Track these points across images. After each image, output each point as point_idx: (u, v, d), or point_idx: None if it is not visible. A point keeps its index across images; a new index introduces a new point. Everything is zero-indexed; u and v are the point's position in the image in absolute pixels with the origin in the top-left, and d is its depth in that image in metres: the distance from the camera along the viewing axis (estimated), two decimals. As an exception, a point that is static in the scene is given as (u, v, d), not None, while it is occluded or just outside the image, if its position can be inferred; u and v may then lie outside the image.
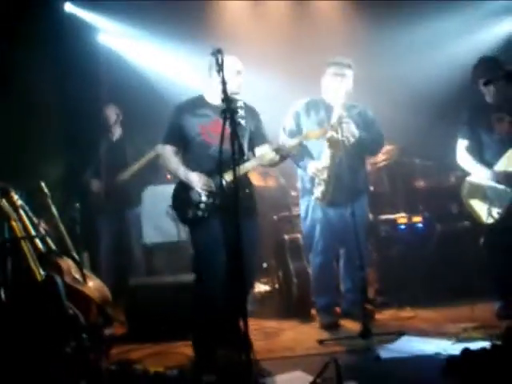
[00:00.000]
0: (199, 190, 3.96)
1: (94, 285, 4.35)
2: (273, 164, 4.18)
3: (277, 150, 4.00)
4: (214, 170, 3.91)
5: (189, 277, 4.99)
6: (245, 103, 4.13)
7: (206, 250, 3.98)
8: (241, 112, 3.94)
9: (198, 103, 4.14)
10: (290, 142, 4.16)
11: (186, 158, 4.14)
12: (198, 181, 3.96)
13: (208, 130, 4.02)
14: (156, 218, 6.17)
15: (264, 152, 4.07)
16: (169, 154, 4.14)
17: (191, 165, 4.06)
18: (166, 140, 4.18)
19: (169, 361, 4.04)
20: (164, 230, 6.19)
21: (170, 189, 6.01)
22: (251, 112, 4.18)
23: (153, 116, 6.03)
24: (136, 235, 5.86)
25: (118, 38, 6.74)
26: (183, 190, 4.05)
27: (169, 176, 6.41)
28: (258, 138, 4.19)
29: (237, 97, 4.02)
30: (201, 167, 4.01)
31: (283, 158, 4.11)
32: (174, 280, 4.96)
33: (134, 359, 4.07)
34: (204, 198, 3.97)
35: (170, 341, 4.42)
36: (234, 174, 3.29)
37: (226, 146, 3.51)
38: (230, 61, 3.94)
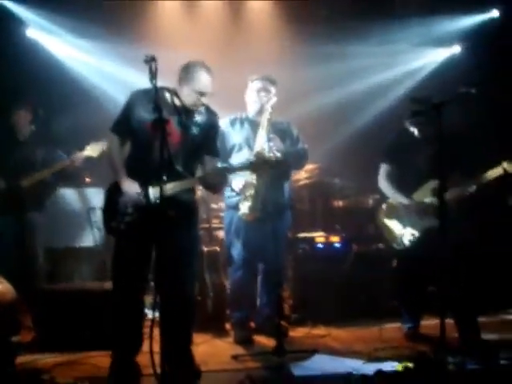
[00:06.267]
0: (127, 200, 3.70)
1: (1, 288, 4.15)
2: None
3: (201, 179, 3.79)
4: (148, 178, 3.68)
5: (98, 284, 4.90)
6: (207, 108, 3.88)
7: (125, 262, 3.75)
8: (197, 118, 3.78)
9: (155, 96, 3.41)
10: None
11: (130, 154, 3.86)
12: (128, 191, 3.70)
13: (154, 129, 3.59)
14: (65, 222, 5.97)
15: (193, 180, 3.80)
16: (115, 146, 3.82)
17: (132, 165, 3.79)
18: (114, 128, 3.83)
19: (79, 372, 3.89)
20: (73, 234, 6.02)
21: (83, 192, 5.94)
22: (210, 119, 3.87)
23: (76, 114, 5.86)
24: (40, 239, 5.59)
25: (46, 35, 6.45)
26: (115, 194, 3.74)
27: (88, 179, 6.23)
28: (204, 149, 3.86)
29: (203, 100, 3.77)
30: (139, 173, 3.73)
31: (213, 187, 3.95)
32: (83, 287, 4.82)
33: (41, 369, 3.89)
34: (130, 210, 3.69)
35: (80, 350, 4.26)
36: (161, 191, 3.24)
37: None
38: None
